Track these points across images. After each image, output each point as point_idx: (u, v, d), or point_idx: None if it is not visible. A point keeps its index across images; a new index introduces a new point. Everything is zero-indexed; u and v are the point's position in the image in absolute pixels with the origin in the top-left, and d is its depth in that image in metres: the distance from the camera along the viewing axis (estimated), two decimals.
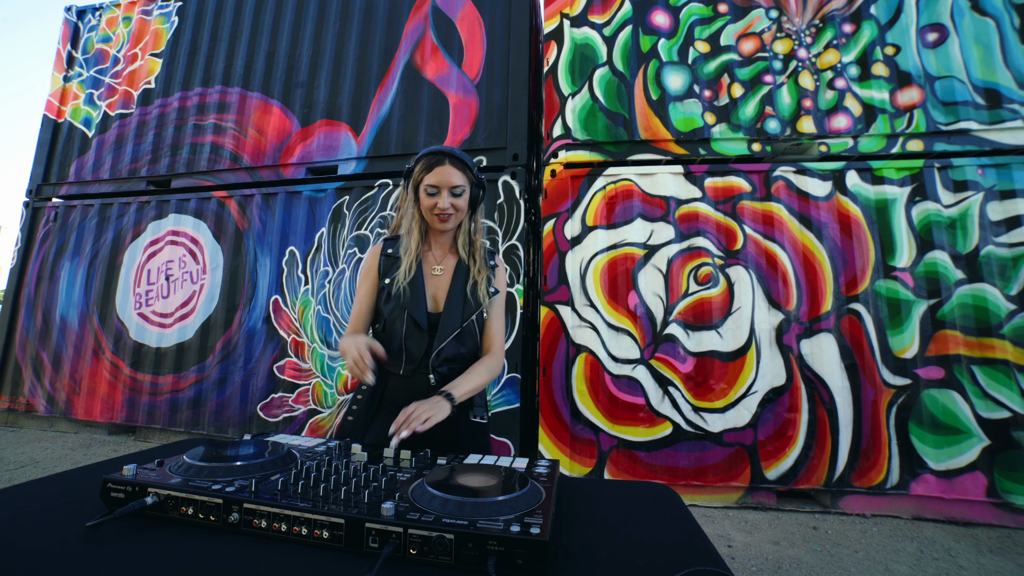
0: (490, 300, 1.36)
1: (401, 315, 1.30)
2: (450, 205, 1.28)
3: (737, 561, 2.38)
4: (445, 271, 1.37)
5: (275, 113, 4.28)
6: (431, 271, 1.36)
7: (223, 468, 0.83)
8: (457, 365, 1.32)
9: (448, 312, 1.31)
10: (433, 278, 1.36)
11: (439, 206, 1.27)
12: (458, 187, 1.28)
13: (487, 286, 1.35)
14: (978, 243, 2.97)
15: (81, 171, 4.80)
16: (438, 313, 1.32)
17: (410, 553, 0.65)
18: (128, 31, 4.96)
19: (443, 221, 1.30)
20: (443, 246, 1.40)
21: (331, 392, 3.65)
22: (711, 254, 3.22)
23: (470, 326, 1.33)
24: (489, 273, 1.38)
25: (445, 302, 1.33)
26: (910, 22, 3.31)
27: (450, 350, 1.30)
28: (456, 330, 1.30)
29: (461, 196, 1.30)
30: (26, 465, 3.52)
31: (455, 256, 1.39)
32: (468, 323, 1.32)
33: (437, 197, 1.28)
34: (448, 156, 1.29)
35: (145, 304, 4.28)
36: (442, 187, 1.27)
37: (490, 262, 1.41)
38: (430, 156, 1.30)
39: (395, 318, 1.31)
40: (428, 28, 4.04)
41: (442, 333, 1.29)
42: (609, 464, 3.07)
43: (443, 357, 1.30)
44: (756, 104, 3.38)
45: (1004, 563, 2.36)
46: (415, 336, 1.30)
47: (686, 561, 0.69)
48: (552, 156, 3.52)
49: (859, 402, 2.93)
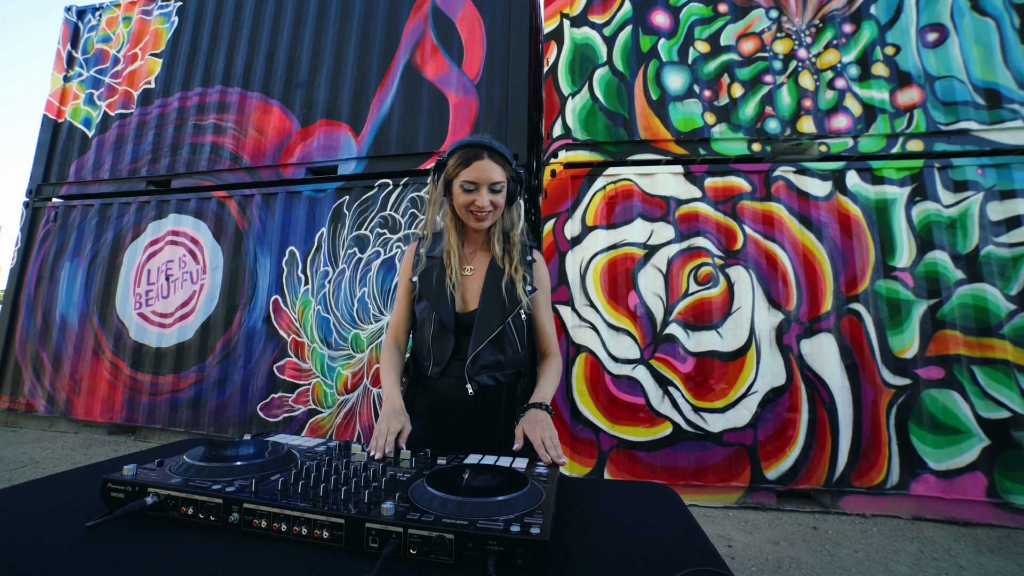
0: (529, 299, 1.25)
1: (430, 315, 1.24)
2: (489, 203, 1.17)
3: (737, 561, 2.38)
4: (476, 270, 1.28)
5: (275, 113, 4.28)
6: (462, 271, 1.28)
7: (223, 468, 0.83)
8: (498, 373, 1.23)
9: (483, 314, 1.20)
10: (463, 278, 1.27)
11: (477, 203, 1.16)
12: (498, 183, 1.17)
13: (524, 284, 1.24)
14: (978, 243, 2.97)
15: (81, 171, 4.80)
16: (467, 313, 1.24)
17: (410, 553, 0.65)
18: (128, 31, 4.96)
19: (480, 220, 1.20)
20: (474, 243, 1.30)
21: (331, 392, 3.65)
22: (711, 254, 3.22)
23: (507, 330, 1.22)
24: (526, 271, 1.26)
25: (479, 303, 1.23)
26: (910, 22, 3.31)
27: (488, 356, 1.21)
28: (492, 334, 1.20)
29: (500, 192, 1.18)
30: (26, 465, 3.52)
31: (487, 254, 1.29)
32: (505, 326, 1.21)
33: (475, 194, 1.16)
34: (487, 149, 1.16)
35: (145, 304, 4.28)
36: (481, 184, 1.16)
37: (528, 257, 1.30)
38: (467, 149, 1.17)
39: (424, 319, 1.26)
40: (428, 28, 4.04)
41: (477, 337, 1.20)
42: (609, 464, 3.07)
43: (480, 364, 1.21)
44: (756, 104, 3.38)
45: (1004, 563, 2.36)
46: (442, 338, 1.23)
47: (686, 561, 0.69)
48: (552, 156, 3.52)
49: (859, 402, 2.93)
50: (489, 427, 1.24)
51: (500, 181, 1.18)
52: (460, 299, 1.25)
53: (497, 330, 1.20)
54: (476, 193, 1.17)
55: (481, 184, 1.16)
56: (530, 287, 1.27)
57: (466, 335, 1.22)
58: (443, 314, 1.21)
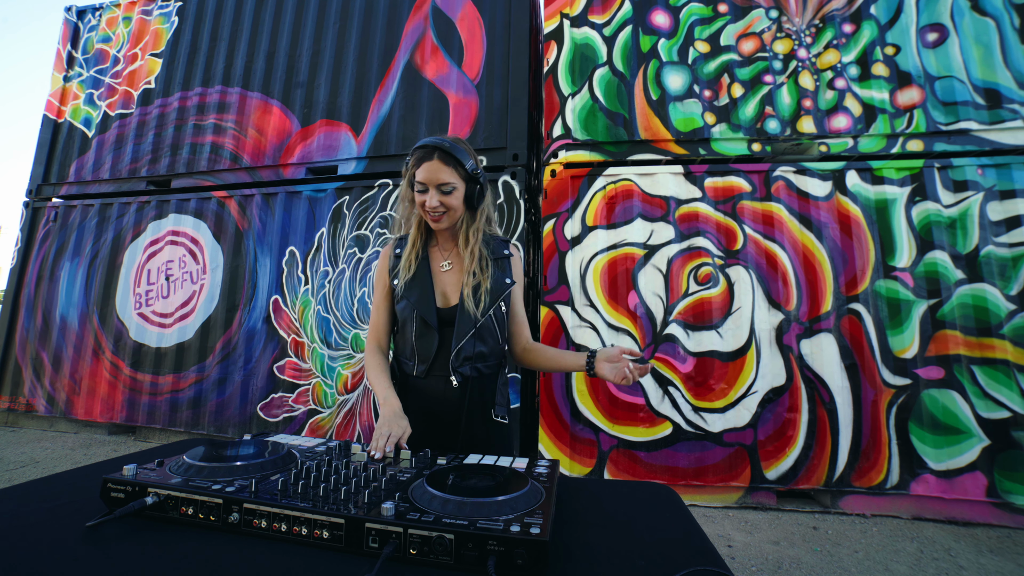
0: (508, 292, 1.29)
1: (411, 315, 1.25)
2: (439, 203, 1.19)
3: (737, 561, 2.38)
4: (454, 265, 1.30)
5: (275, 113, 4.28)
6: (439, 267, 1.31)
7: (223, 468, 0.83)
8: (480, 364, 1.26)
9: (463, 309, 1.23)
10: (442, 274, 1.30)
11: (427, 204, 1.19)
12: (446, 184, 1.18)
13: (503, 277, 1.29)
14: (978, 243, 2.97)
15: (81, 171, 4.80)
16: (449, 308, 1.26)
17: (410, 553, 0.65)
18: (128, 31, 4.96)
19: (435, 220, 1.23)
20: (449, 240, 1.33)
21: (331, 392, 3.65)
22: (711, 254, 3.22)
23: (488, 322, 1.25)
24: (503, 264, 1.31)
25: (459, 298, 1.25)
26: (910, 22, 3.31)
27: (470, 349, 1.24)
28: (474, 327, 1.23)
29: (451, 194, 1.20)
30: (26, 465, 3.52)
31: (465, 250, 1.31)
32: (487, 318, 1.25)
33: (425, 195, 1.20)
34: (438, 150, 1.18)
35: (145, 304, 4.28)
36: (429, 184, 1.18)
37: (504, 251, 1.33)
38: (421, 149, 1.20)
39: (406, 318, 1.27)
40: (428, 28, 4.04)
41: (460, 331, 1.23)
42: (609, 464, 3.07)
43: (464, 356, 1.24)
44: (756, 104, 3.38)
45: (1004, 563, 2.36)
46: (425, 335, 1.25)
47: (686, 561, 0.69)
48: (552, 156, 3.52)
49: (859, 402, 2.93)
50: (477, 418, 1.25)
51: (449, 182, 1.19)
52: (440, 295, 1.28)
53: (480, 322, 1.23)
54: (426, 194, 1.20)
55: (430, 184, 1.19)
56: (509, 279, 1.30)
57: (448, 329, 1.25)
58: (424, 312, 1.24)
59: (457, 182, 1.20)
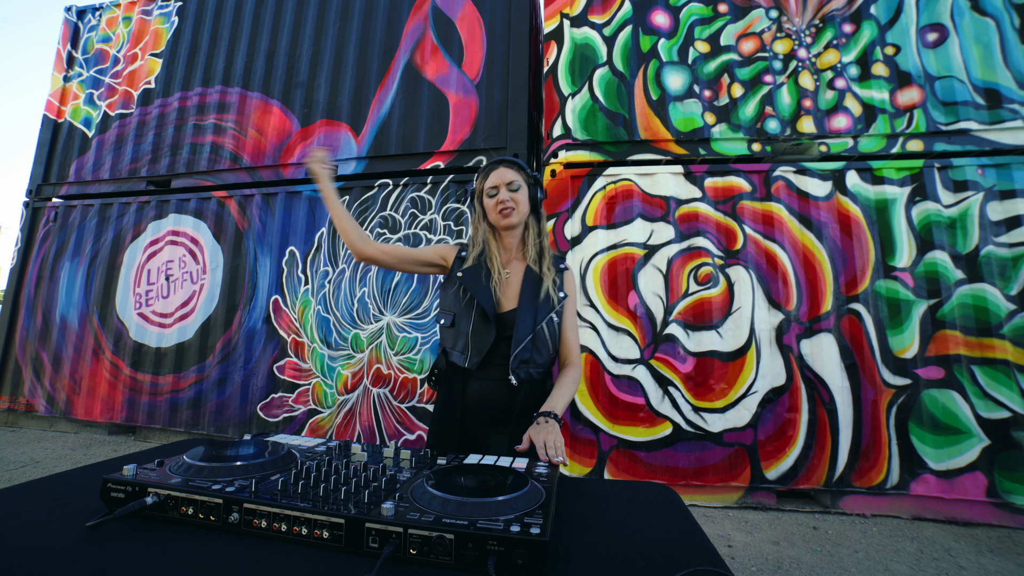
0: (561, 305, 1.37)
1: (469, 308, 1.33)
2: (509, 198, 1.35)
3: (737, 561, 2.38)
4: (513, 274, 1.40)
5: (275, 113, 4.28)
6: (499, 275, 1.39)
7: (223, 468, 0.83)
8: (532, 369, 1.32)
9: (521, 315, 1.32)
10: (501, 280, 1.39)
11: (499, 198, 1.35)
12: (513, 182, 1.36)
13: (556, 288, 1.38)
14: (978, 243, 2.97)
15: (81, 171, 4.80)
16: (505, 313, 1.34)
17: (410, 553, 0.65)
18: (128, 31, 4.96)
19: (507, 216, 1.36)
20: (510, 250, 1.43)
21: (331, 392, 3.65)
22: (711, 254, 3.22)
23: (542, 331, 1.33)
24: (557, 276, 1.41)
25: (518, 302, 1.34)
26: (910, 22, 3.31)
27: (525, 353, 1.31)
28: (530, 334, 1.31)
29: (519, 191, 1.37)
30: (26, 465, 3.52)
31: (522, 262, 1.42)
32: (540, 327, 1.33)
33: (496, 197, 1.37)
34: (503, 160, 1.41)
35: (145, 304, 4.28)
36: (500, 184, 1.37)
37: (561, 265, 1.45)
38: (487, 165, 1.42)
39: (462, 313, 1.35)
40: (428, 28, 4.04)
41: (518, 336, 1.30)
42: (609, 464, 3.07)
43: (520, 359, 1.30)
44: (756, 104, 3.38)
45: (1004, 563, 2.36)
46: (482, 330, 1.31)
47: (686, 561, 0.69)
48: (552, 156, 3.52)
49: (859, 402, 2.93)
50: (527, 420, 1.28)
51: (516, 180, 1.38)
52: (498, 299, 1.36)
53: (538, 326, 1.32)
54: (497, 195, 1.37)
55: (501, 184, 1.37)
56: (562, 292, 1.40)
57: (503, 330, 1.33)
58: (486, 305, 1.32)
59: (522, 182, 1.39)
